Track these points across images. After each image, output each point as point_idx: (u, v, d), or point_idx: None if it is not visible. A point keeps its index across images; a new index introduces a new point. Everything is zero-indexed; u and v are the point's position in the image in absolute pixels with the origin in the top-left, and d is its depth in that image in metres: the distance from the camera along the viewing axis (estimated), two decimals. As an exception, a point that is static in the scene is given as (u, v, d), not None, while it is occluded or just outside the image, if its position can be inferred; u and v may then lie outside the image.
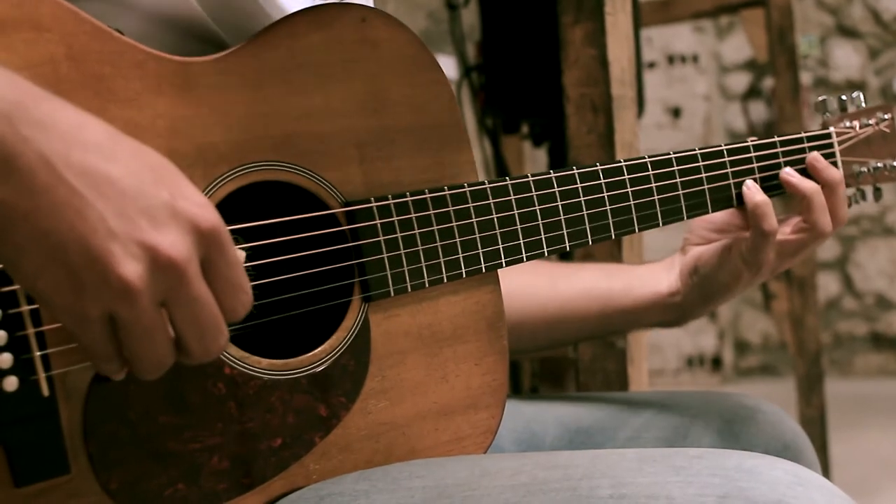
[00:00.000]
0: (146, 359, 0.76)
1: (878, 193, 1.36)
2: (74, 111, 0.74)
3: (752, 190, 1.23)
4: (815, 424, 3.40)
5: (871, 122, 1.34)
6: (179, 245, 0.73)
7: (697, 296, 1.28)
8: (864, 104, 1.35)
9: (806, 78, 5.97)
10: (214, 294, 0.77)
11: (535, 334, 1.34)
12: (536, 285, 1.28)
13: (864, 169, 1.33)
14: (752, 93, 6.03)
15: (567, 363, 2.48)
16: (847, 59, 6.14)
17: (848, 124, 1.34)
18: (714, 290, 1.28)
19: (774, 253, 1.23)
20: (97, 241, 0.71)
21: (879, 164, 1.34)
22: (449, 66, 3.38)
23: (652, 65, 5.99)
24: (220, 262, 0.77)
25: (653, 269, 1.31)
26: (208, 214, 0.76)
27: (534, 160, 3.31)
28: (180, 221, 0.74)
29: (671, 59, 6.05)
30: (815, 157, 1.27)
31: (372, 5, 1.20)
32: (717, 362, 6.05)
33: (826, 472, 3.31)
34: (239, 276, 0.78)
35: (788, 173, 1.25)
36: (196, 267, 0.75)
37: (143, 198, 0.73)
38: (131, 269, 0.71)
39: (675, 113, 6.03)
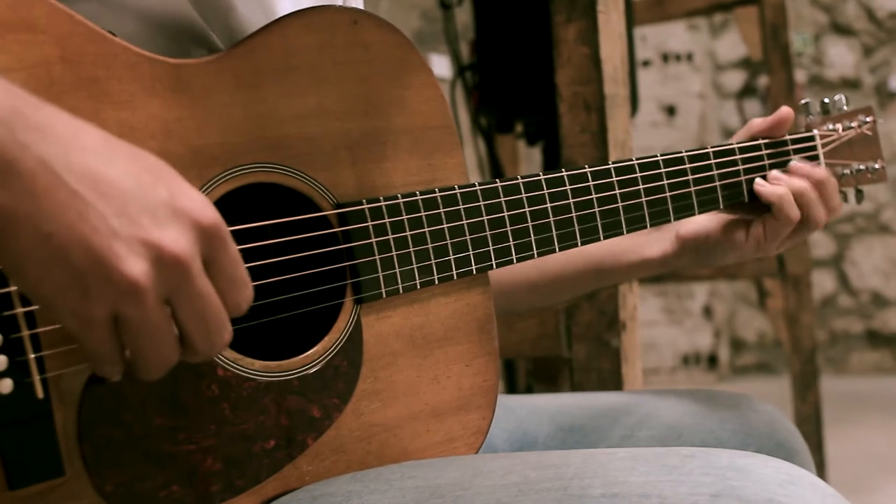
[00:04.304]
0: (152, 358, 0.77)
1: (859, 195, 1.37)
2: (70, 118, 0.74)
3: (768, 186, 1.26)
4: (811, 422, 3.40)
5: (853, 124, 1.35)
6: (182, 242, 0.74)
7: (690, 260, 1.32)
8: (846, 107, 1.36)
9: (800, 76, 5.98)
10: (217, 290, 0.77)
11: (527, 300, 1.37)
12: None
13: (847, 171, 1.35)
14: (747, 91, 6.04)
15: (562, 362, 2.48)
16: (841, 56, 6.15)
17: (831, 127, 1.35)
18: (712, 259, 1.32)
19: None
20: (100, 242, 0.71)
21: (861, 167, 1.35)
22: (443, 65, 3.38)
23: (646, 63, 5.99)
24: (221, 257, 0.77)
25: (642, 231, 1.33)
26: (208, 211, 0.76)
27: (528, 159, 3.31)
28: (181, 218, 0.74)
29: (666, 58, 6.05)
30: (795, 166, 1.28)
31: (362, 5, 1.21)
32: (712, 360, 6.06)
33: (821, 469, 3.31)
34: (240, 271, 0.79)
35: (776, 177, 1.28)
36: (199, 263, 0.75)
37: (143, 197, 0.73)
38: (136, 267, 0.72)
39: (670, 111, 6.04)
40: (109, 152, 0.74)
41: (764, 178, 1.27)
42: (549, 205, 1.10)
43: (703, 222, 1.30)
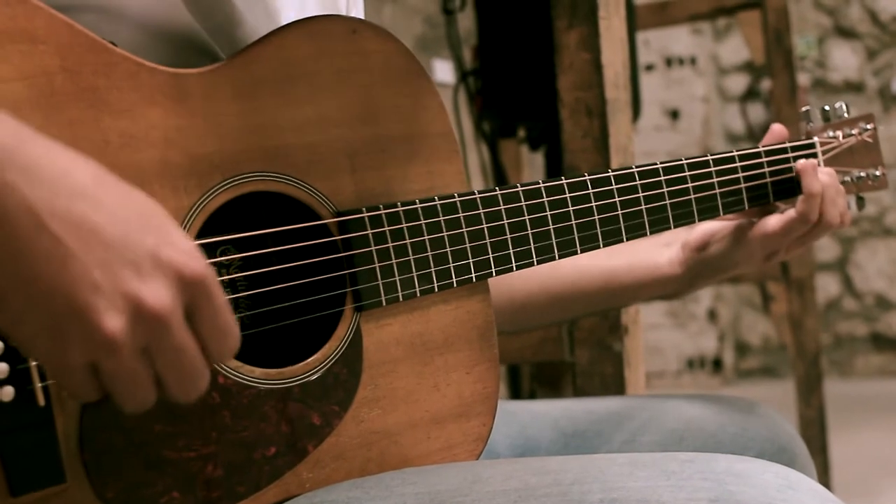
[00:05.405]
0: (129, 400, 0.76)
1: (860, 202, 1.37)
2: (62, 153, 0.73)
3: (812, 177, 1.26)
4: (815, 425, 3.40)
5: (853, 132, 1.35)
6: (163, 296, 0.73)
7: (701, 270, 1.32)
8: (846, 114, 1.36)
9: (804, 79, 5.98)
10: (201, 339, 0.77)
11: (541, 313, 1.37)
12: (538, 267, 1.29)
13: (847, 178, 1.35)
14: (750, 94, 6.04)
15: (564, 367, 2.48)
16: (845, 59, 6.15)
17: (831, 134, 1.35)
18: (721, 266, 1.31)
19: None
20: (80, 294, 0.70)
21: (862, 174, 1.35)
22: (446, 70, 3.38)
23: (650, 67, 5.99)
24: (205, 308, 0.76)
25: (652, 244, 1.33)
26: (193, 262, 0.75)
27: (531, 164, 3.32)
28: (165, 271, 0.74)
29: (669, 62, 6.05)
30: (812, 163, 1.28)
31: (362, 12, 1.22)
32: (717, 364, 6.06)
33: (825, 472, 3.31)
34: (226, 321, 0.78)
35: (809, 163, 1.28)
36: (179, 316, 0.75)
37: (127, 247, 0.73)
38: (114, 322, 0.71)
39: (674, 115, 6.04)
40: (98, 195, 0.73)
41: (764, 185, 1.28)
42: (548, 212, 1.11)
43: (708, 226, 1.31)
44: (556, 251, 1.11)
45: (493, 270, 1.07)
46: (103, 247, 0.72)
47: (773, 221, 1.26)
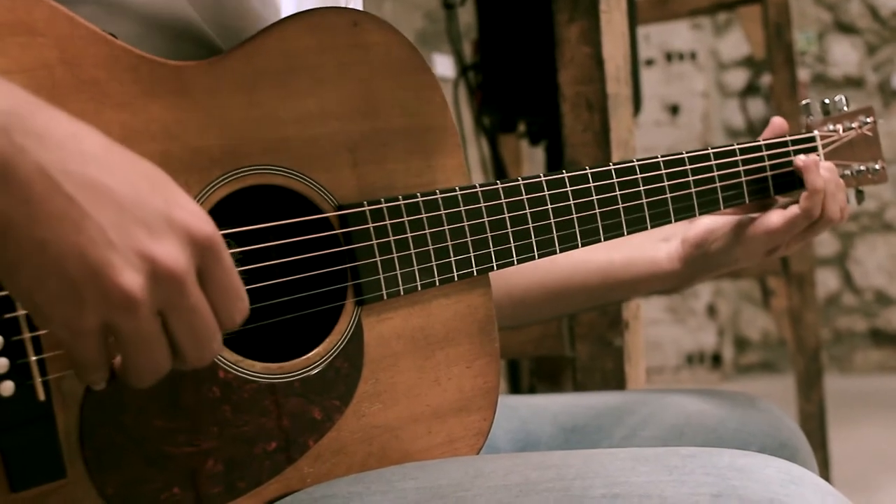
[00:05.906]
0: (144, 368, 0.76)
1: (860, 196, 1.37)
2: (69, 121, 0.73)
3: (814, 173, 1.25)
4: (815, 420, 3.40)
5: (853, 125, 1.35)
6: (177, 255, 0.73)
7: (700, 266, 1.31)
8: (846, 108, 1.36)
9: (804, 74, 5.98)
10: (211, 302, 0.77)
11: (539, 307, 1.37)
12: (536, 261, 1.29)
13: (847, 172, 1.35)
14: (750, 89, 6.04)
15: (564, 362, 2.48)
16: (845, 55, 6.15)
17: (831, 128, 1.35)
18: (722, 262, 1.31)
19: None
20: (96, 253, 0.70)
21: (862, 167, 1.35)
22: (446, 65, 3.38)
23: (650, 62, 5.99)
24: (216, 270, 0.76)
25: (651, 238, 1.32)
26: (203, 223, 0.75)
27: (531, 159, 3.31)
28: (176, 230, 0.74)
29: (669, 57, 6.05)
30: (814, 159, 1.28)
31: (361, 5, 1.21)
32: (716, 359, 6.06)
33: (825, 468, 3.31)
34: (235, 284, 0.78)
35: (811, 159, 1.27)
36: (193, 276, 0.75)
37: (139, 207, 0.73)
38: (131, 279, 0.71)
39: (674, 110, 6.04)
40: (107, 159, 0.73)
41: (764, 179, 1.27)
42: (549, 206, 1.10)
43: (708, 222, 1.30)
44: (557, 245, 1.11)
45: (495, 264, 1.07)
46: (116, 207, 0.72)
47: (776, 218, 1.25)
